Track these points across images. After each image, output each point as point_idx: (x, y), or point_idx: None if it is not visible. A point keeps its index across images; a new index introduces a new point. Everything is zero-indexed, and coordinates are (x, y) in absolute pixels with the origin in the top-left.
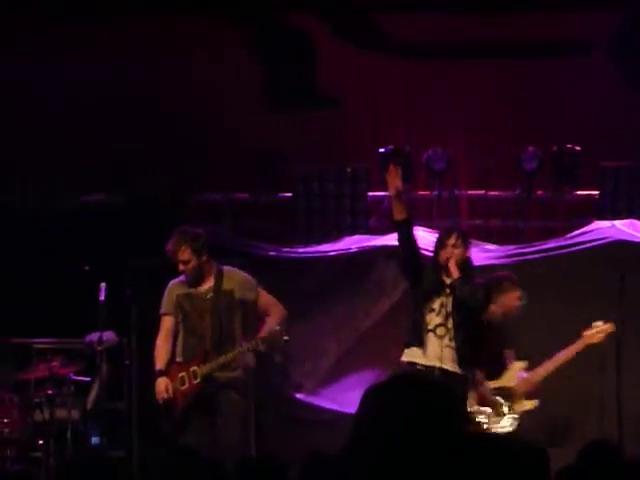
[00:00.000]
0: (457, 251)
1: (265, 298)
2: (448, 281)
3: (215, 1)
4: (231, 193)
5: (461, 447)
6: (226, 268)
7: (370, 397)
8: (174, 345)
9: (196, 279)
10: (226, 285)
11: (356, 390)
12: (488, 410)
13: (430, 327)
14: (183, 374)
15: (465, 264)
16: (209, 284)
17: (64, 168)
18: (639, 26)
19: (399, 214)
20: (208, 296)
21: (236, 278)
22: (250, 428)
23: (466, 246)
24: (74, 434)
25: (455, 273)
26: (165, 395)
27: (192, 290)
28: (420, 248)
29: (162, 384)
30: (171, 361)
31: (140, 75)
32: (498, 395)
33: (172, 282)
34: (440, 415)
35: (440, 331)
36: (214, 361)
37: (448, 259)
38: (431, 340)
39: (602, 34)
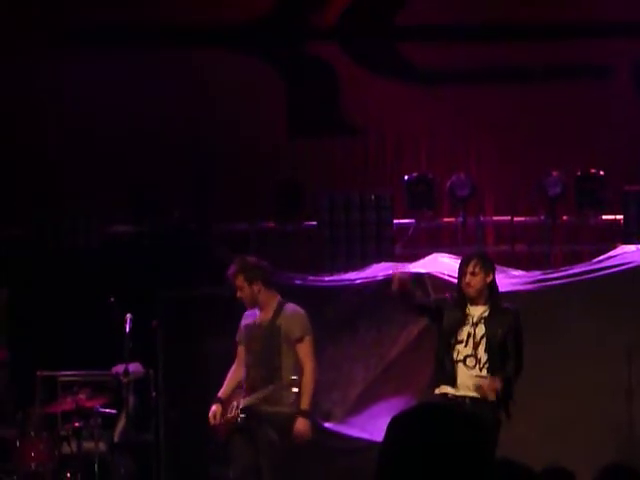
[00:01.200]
0: (476, 278)
1: (304, 350)
2: (473, 310)
3: (239, 33)
4: (257, 222)
5: (489, 477)
6: (289, 304)
7: (396, 426)
8: None
9: (253, 308)
10: (279, 320)
11: (385, 418)
12: None
13: (459, 358)
14: (234, 403)
15: (489, 290)
16: (267, 316)
17: (91, 198)
18: None
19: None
20: (261, 328)
21: (288, 314)
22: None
23: (486, 272)
24: (102, 466)
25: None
26: (212, 421)
27: (252, 321)
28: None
29: (211, 410)
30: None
31: (164, 106)
32: None
33: (246, 312)
34: (468, 444)
35: (470, 362)
36: (256, 394)
37: (467, 286)
38: (461, 371)
39: (625, 58)
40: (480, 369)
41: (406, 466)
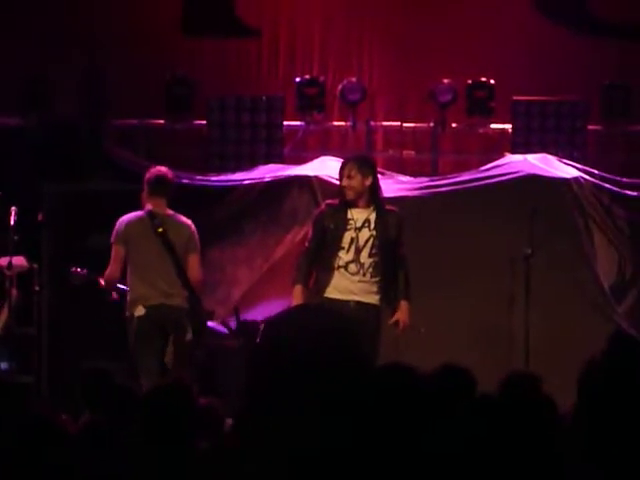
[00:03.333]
0: (353, 181)
1: None
2: (355, 214)
3: None
4: (146, 119)
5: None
6: None
7: (272, 327)
8: None
9: None
10: None
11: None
12: None
13: (340, 264)
14: None
15: (370, 193)
16: None
17: None
18: None
19: None
20: None
21: None
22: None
23: (364, 174)
24: None
25: None
26: None
27: None
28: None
29: None
30: None
31: None
32: None
33: None
34: (344, 347)
35: (352, 268)
36: None
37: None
38: (343, 277)
39: None
40: (364, 274)
41: (279, 365)
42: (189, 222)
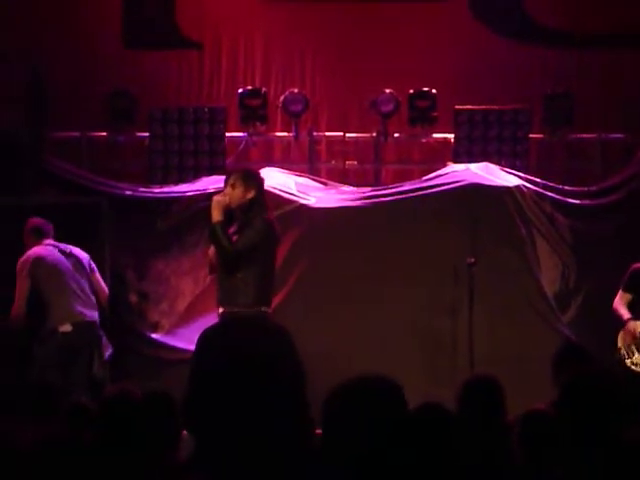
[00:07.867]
0: (235, 192)
1: None
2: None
3: None
4: (89, 131)
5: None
6: None
7: (204, 338)
8: None
9: None
10: None
11: None
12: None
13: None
14: None
15: (250, 206)
16: None
17: None
18: None
19: None
20: None
21: None
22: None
23: (247, 187)
24: None
25: (215, 216)
26: None
27: None
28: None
29: None
30: None
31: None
32: None
33: None
34: (274, 354)
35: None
36: None
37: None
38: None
39: None
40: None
41: (213, 375)
42: None
